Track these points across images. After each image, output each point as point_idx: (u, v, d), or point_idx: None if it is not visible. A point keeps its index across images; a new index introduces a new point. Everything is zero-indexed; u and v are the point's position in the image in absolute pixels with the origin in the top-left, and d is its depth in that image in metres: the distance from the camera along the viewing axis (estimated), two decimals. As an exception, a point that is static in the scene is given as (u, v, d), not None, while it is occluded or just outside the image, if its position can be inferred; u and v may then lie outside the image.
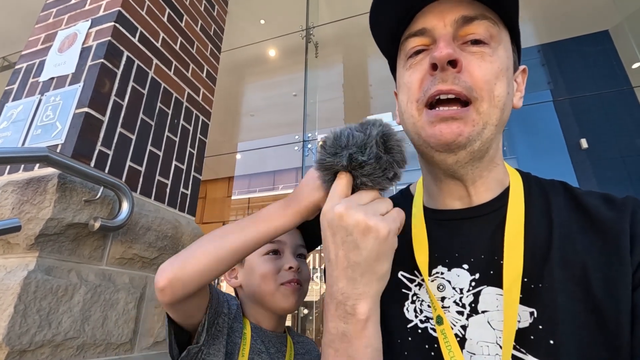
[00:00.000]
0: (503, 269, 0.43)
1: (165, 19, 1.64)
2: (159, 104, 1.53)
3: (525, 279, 0.42)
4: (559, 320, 0.39)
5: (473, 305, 0.44)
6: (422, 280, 0.48)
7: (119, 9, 1.38)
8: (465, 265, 0.46)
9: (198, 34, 1.89)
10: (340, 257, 0.40)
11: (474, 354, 0.42)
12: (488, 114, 0.43)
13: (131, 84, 1.39)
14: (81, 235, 1.09)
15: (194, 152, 1.74)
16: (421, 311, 0.47)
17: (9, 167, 1.19)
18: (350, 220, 0.38)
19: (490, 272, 0.44)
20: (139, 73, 1.44)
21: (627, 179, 3.30)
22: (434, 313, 0.45)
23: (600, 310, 0.38)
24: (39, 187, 1.02)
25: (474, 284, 0.45)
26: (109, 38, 1.32)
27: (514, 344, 0.40)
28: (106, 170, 1.23)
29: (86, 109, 1.20)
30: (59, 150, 1.14)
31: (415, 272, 0.50)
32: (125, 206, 1.15)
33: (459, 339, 0.43)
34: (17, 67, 1.46)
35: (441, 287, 0.47)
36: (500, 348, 0.40)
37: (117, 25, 1.36)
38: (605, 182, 3.33)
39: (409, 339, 0.46)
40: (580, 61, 3.73)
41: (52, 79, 1.34)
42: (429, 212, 0.54)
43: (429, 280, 0.48)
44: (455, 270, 0.47)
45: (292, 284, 0.75)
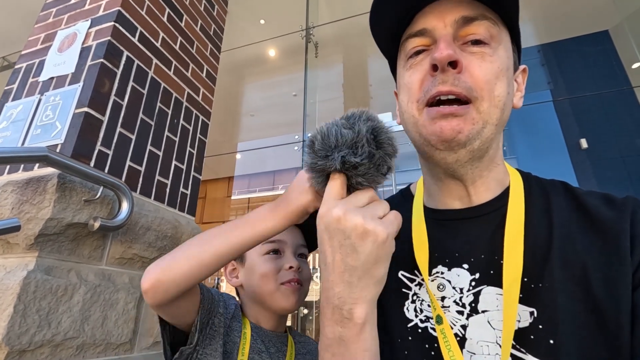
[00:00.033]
0: (503, 269, 0.43)
1: (165, 19, 1.64)
2: (159, 104, 1.53)
3: (525, 279, 0.42)
4: (559, 320, 0.39)
5: (473, 304, 0.44)
6: (422, 279, 0.48)
7: (119, 8, 1.38)
8: (466, 265, 0.46)
9: (198, 34, 1.89)
10: (337, 261, 0.39)
11: (474, 354, 0.42)
12: (488, 113, 0.43)
13: (131, 83, 1.39)
14: (81, 235, 1.09)
15: (194, 152, 1.74)
16: (421, 311, 0.47)
17: (8, 167, 1.19)
18: (349, 223, 0.38)
19: (490, 272, 0.44)
20: (139, 73, 1.44)
21: (627, 179, 3.30)
22: (433, 313, 0.45)
23: (601, 310, 0.38)
24: (38, 187, 1.02)
25: (474, 283, 0.45)
26: (109, 38, 1.32)
27: (514, 344, 0.40)
28: (106, 170, 1.23)
29: (86, 109, 1.20)
30: (58, 150, 1.14)
31: (416, 272, 0.50)
32: (125, 206, 1.15)
33: (459, 339, 0.43)
34: (17, 67, 1.46)
35: (441, 287, 0.47)
36: (500, 347, 0.40)
37: (117, 25, 1.36)
38: (605, 182, 3.33)
39: (409, 339, 0.46)
40: (580, 61, 3.73)
41: (52, 78, 1.34)
42: (429, 212, 0.53)
43: (429, 279, 0.48)
44: (455, 270, 0.47)
45: (293, 284, 0.75)
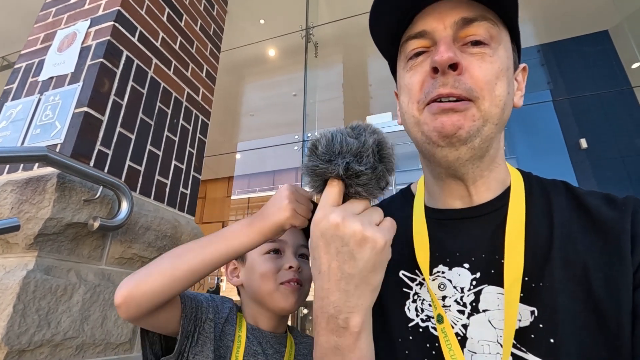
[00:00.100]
0: (504, 268, 0.43)
1: (164, 19, 1.64)
2: (159, 104, 1.53)
3: (526, 278, 0.42)
4: (560, 319, 0.39)
5: (474, 304, 0.44)
6: (423, 279, 0.48)
7: (119, 8, 1.38)
8: (466, 264, 0.46)
9: (197, 34, 1.89)
10: (333, 269, 0.38)
11: (475, 353, 0.42)
12: (489, 112, 0.43)
13: (130, 83, 1.39)
14: (80, 235, 1.09)
15: (194, 152, 1.74)
16: (422, 310, 0.47)
17: (8, 167, 1.19)
18: (347, 230, 0.37)
19: (491, 271, 0.44)
20: (139, 72, 1.44)
21: (627, 179, 3.31)
22: (434, 312, 0.45)
23: (601, 310, 0.38)
24: (38, 187, 1.02)
25: (475, 283, 0.45)
26: (109, 37, 1.32)
27: (515, 343, 0.40)
28: (105, 170, 1.23)
29: (85, 109, 1.19)
30: (58, 150, 1.14)
31: (416, 272, 0.50)
32: (124, 206, 1.15)
33: (460, 338, 0.43)
34: (17, 67, 1.46)
35: (442, 286, 0.47)
36: (501, 347, 0.40)
37: (117, 24, 1.36)
38: (604, 182, 3.33)
39: (410, 338, 0.46)
40: (580, 61, 3.74)
41: (52, 78, 1.34)
42: (429, 212, 0.53)
43: (429, 279, 0.48)
44: (456, 269, 0.47)
45: (292, 284, 0.74)
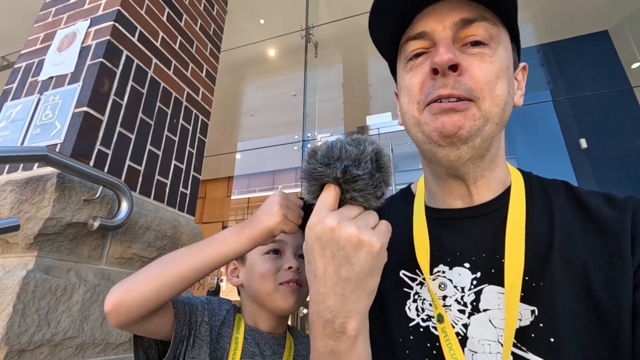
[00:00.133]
0: (504, 268, 0.43)
1: (164, 19, 1.64)
2: (159, 104, 1.53)
3: (526, 278, 0.42)
4: (560, 319, 0.39)
5: (475, 303, 0.44)
6: (424, 279, 0.48)
7: (118, 8, 1.37)
8: (467, 264, 0.46)
9: (197, 34, 1.89)
10: (329, 273, 0.38)
11: (476, 352, 0.42)
12: (489, 112, 0.43)
13: (130, 83, 1.39)
14: (80, 235, 1.09)
15: (194, 152, 1.73)
16: (423, 310, 0.47)
17: (7, 167, 1.19)
18: (343, 234, 0.37)
19: (492, 271, 0.44)
20: (138, 72, 1.44)
21: (627, 178, 3.31)
22: (434, 311, 0.45)
23: (601, 309, 0.38)
24: (37, 187, 1.02)
25: (475, 282, 0.45)
26: (108, 37, 1.31)
27: (515, 342, 0.40)
28: (105, 170, 1.23)
29: (85, 109, 1.19)
30: (58, 150, 1.14)
31: (417, 271, 0.50)
32: (124, 205, 1.15)
33: (460, 338, 0.43)
34: (16, 67, 1.46)
35: (442, 286, 0.46)
36: (502, 346, 0.40)
37: (117, 24, 1.36)
38: (604, 182, 3.33)
39: (411, 338, 0.46)
40: (580, 61, 3.74)
41: (51, 78, 1.34)
42: (430, 211, 0.53)
43: (430, 279, 0.48)
44: (456, 269, 0.47)
45: (291, 284, 0.74)
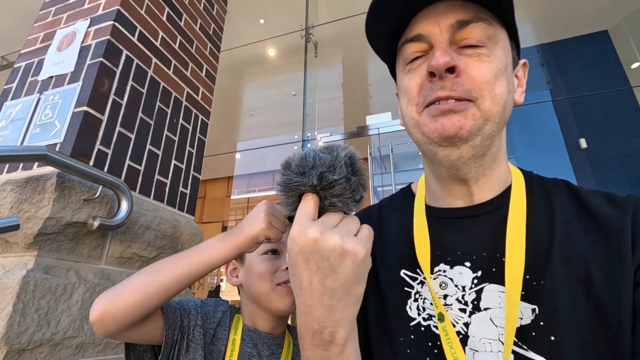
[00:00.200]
0: (505, 266, 0.43)
1: (164, 18, 1.64)
2: (158, 103, 1.53)
3: (527, 276, 0.42)
4: (560, 317, 0.39)
5: (475, 302, 0.44)
6: (425, 278, 0.48)
7: (118, 7, 1.37)
8: (468, 263, 0.46)
9: (197, 33, 1.89)
10: (315, 285, 0.38)
11: (477, 351, 0.42)
12: (489, 111, 0.43)
13: (130, 83, 1.39)
14: (80, 234, 1.09)
15: (193, 152, 1.73)
16: (424, 309, 0.47)
17: (7, 166, 1.19)
18: (327, 244, 0.37)
19: (493, 270, 0.44)
20: (138, 72, 1.44)
21: (626, 178, 3.31)
22: (435, 310, 0.45)
23: (602, 308, 0.38)
24: (37, 186, 1.02)
25: (476, 281, 0.45)
26: (108, 37, 1.31)
27: (516, 341, 0.40)
28: (105, 169, 1.23)
29: (85, 108, 1.19)
30: (57, 149, 1.14)
31: (418, 270, 0.50)
32: (124, 205, 1.15)
33: (461, 337, 0.43)
34: (16, 66, 1.46)
35: (443, 285, 0.46)
36: (503, 345, 0.40)
37: (116, 24, 1.36)
38: (604, 182, 3.33)
39: (412, 337, 0.46)
40: (580, 61, 3.74)
41: (51, 77, 1.33)
42: (430, 211, 0.53)
43: (431, 278, 0.47)
44: (457, 268, 0.47)
45: (289, 285, 0.74)
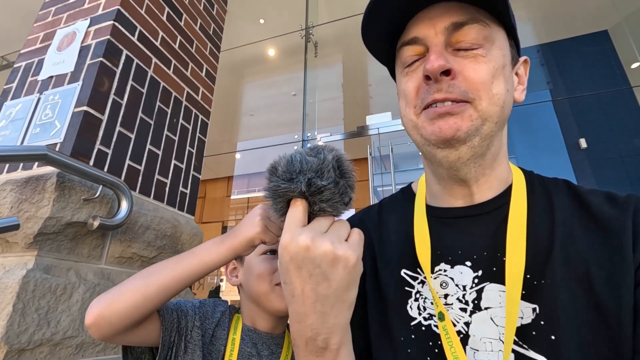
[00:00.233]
0: (506, 266, 0.43)
1: (164, 18, 1.64)
2: (158, 103, 1.53)
3: (527, 276, 0.42)
4: (561, 316, 0.39)
5: (476, 302, 0.44)
6: (425, 277, 0.48)
7: (118, 7, 1.37)
8: (468, 263, 0.46)
9: (197, 33, 1.89)
10: (307, 292, 0.37)
11: (477, 350, 0.42)
12: (487, 111, 0.43)
13: (130, 82, 1.39)
14: (80, 234, 1.09)
15: (193, 151, 1.73)
16: (424, 309, 0.47)
17: (7, 166, 1.19)
18: (318, 251, 0.36)
19: (493, 269, 0.44)
20: (138, 72, 1.44)
21: (626, 178, 3.31)
22: (435, 310, 0.45)
23: (602, 307, 0.38)
24: (37, 186, 1.02)
25: (476, 280, 0.45)
26: (108, 37, 1.31)
27: (517, 340, 0.40)
28: (105, 169, 1.23)
29: (85, 108, 1.19)
30: (57, 149, 1.14)
31: (418, 270, 0.50)
32: (124, 205, 1.15)
33: (462, 336, 0.43)
34: (16, 66, 1.46)
35: (444, 285, 0.46)
36: (503, 344, 0.40)
37: (116, 24, 1.35)
38: (604, 182, 3.33)
39: (412, 337, 0.46)
40: (580, 61, 3.75)
41: (51, 77, 1.33)
42: (431, 210, 0.53)
43: (431, 277, 0.47)
44: (458, 267, 0.47)
45: None
